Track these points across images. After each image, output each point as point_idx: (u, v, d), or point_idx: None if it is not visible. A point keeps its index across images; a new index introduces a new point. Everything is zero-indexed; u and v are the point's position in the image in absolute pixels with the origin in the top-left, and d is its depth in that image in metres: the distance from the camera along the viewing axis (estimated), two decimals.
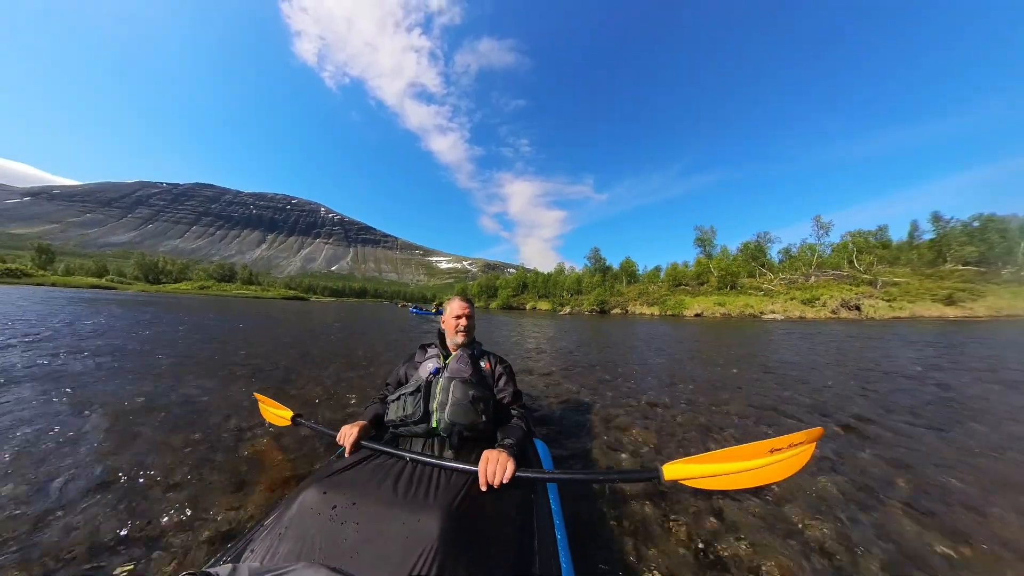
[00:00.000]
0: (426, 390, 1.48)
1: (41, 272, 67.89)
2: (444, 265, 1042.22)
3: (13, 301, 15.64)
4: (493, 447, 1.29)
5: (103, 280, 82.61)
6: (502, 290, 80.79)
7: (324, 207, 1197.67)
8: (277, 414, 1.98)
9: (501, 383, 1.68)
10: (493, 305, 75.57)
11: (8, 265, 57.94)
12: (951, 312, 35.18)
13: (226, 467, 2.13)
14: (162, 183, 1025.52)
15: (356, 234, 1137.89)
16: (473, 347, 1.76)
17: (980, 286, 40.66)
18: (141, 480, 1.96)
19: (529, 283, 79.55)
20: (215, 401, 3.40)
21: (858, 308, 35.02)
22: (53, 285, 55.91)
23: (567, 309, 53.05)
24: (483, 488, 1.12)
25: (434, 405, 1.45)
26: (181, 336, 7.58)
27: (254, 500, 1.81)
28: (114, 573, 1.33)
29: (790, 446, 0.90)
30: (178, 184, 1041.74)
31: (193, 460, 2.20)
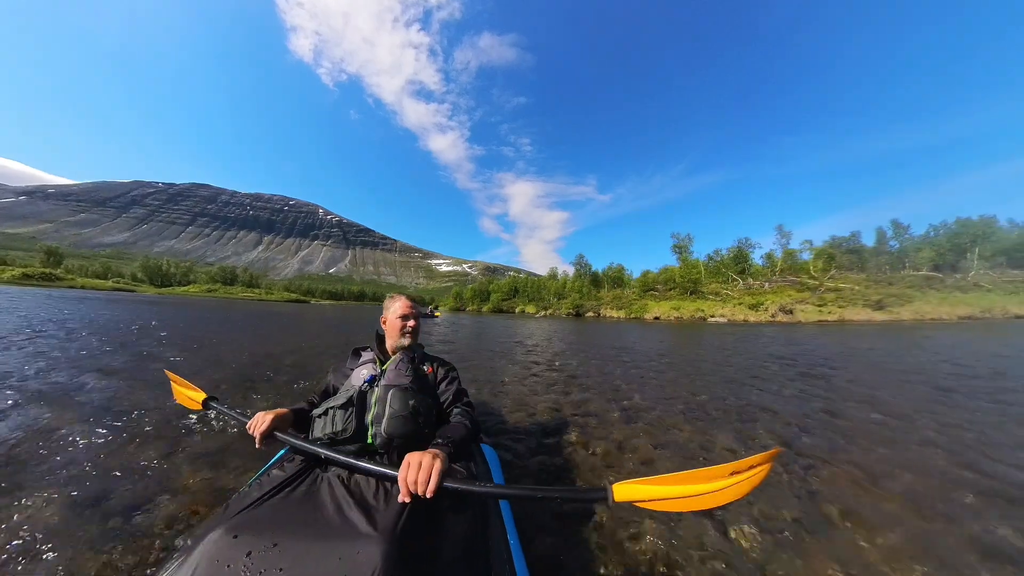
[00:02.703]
0: (359, 402, 1.31)
1: (70, 276, 72.78)
2: (443, 268, 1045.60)
3: (110, 301, 19.69)
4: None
5: (122, 283, 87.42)
6: (494, 294, 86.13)
7: (322, 208, 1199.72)
8: (189, 396, 1.70)
9: (443, 387, 1.54)
10: (485, 308, 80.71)
11: (42, 270, 62.95)
12: (879, 316, 40.14)
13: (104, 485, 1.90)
14: (158, 183, 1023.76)
15: (354, 236, 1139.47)
16: (415, 351, 1.60)
17: (917, 291, 45.64)
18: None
19: (520, 288, 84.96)
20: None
21: (791, 312, 40.10)
22: (82, 288, 60.53)
23: (542, 312, 58.12)
24: (405, 499, 0.95)
25: (369, 418, 1.29)
26: (260, 331, 11.84)
27: (145, 531, 1.52)
28: None
29: (750, 468, 0.88)
30: (174, 184, 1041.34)
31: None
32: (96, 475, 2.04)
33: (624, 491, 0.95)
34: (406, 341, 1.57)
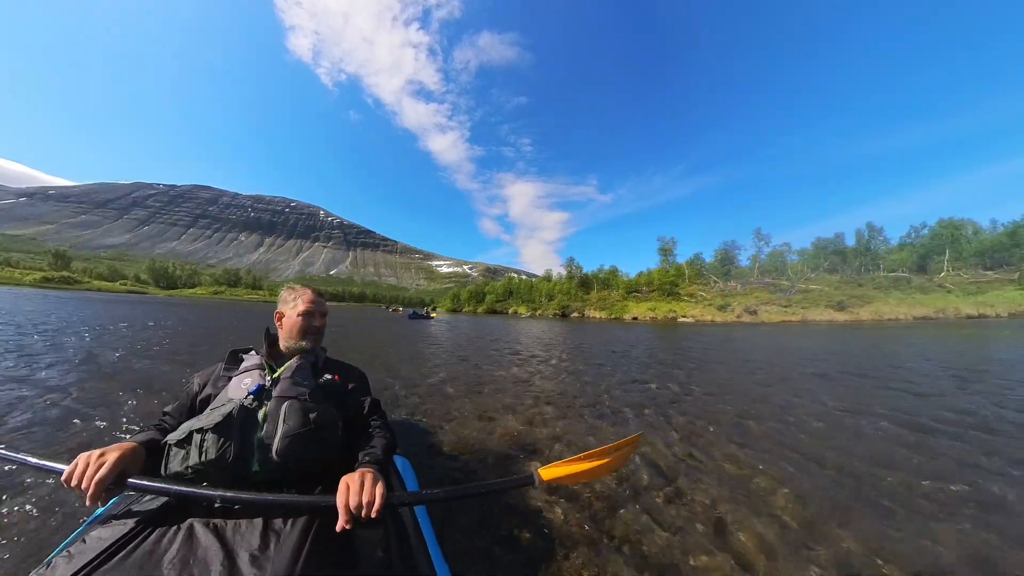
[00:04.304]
0: (242, 421, 1.01)
1: (86, 279, 76.71)
2: (444, 269, 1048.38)
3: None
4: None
5: (130, 285, 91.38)
6: (489, 295, 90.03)
7: (323, 210, 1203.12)
8: None
9: (355, 398, 1.30)
10: (480, 309, 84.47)
11: (61, 273, 66.80)
12: (840, 317, 43.28)
13: None
14: (159, 184, 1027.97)
15: (355, 237, 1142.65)
16: (317, 355, 1.34)
17: (881, 293, 48.71)
18: None
19: (513, 289, 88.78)
20: None
21: (755, 313, 43.57)
22: (98, 290, 64.15)
23: (526, 313, 61.59)
24: (345, 526, 0.81)
25: (255, 440, 1.01)
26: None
27: None
28: None
29: (624, 446, 1.24)
30: (175, 186, 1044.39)
31: None
32: None
33: (547, 473, 1.16)
34: (307, 344, 1.30)
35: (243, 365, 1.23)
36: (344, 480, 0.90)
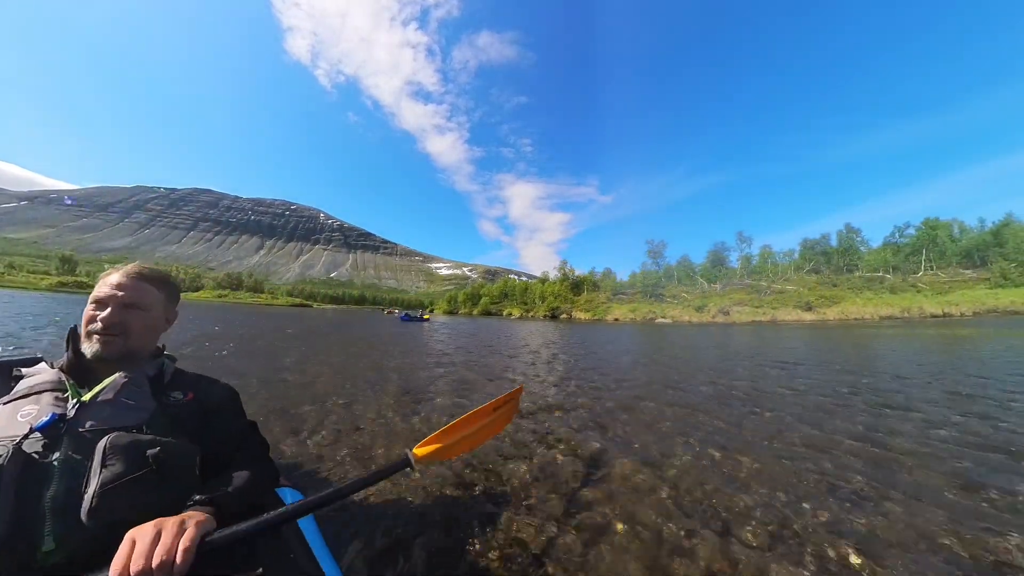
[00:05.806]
0: (20, 474, 0.64)
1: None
2: (444, 271, 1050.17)
3: None
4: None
5: None
6: (485, 298, 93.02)
7: (323, 213, 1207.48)
8: None
9: (218, 422, 0.95)
10: (475, 311, 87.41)
11: (76, 278, 69.61)
12: (808, 317, 45.95)
13: None
14: (160, 188, 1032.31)
15: (355, 240, 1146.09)
16: (161, 366, 0.94)
17: (851, 292, 51.01)
18: None
19: (509, 292, 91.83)
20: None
21: (728, 313, 46.41)
22: None
23: (519, 314, 64.21)
24: None
25: (47, 502, 0.65)
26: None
27: None
28: None
29: (506, 402, 1.21)
30: (176, 189, 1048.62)
31: None
32: None
33: (422, 452, 1.09)
34: (95, 348, 0.84)
35: (23, 385, 0.79)
36: (130, 536, 0.59)
